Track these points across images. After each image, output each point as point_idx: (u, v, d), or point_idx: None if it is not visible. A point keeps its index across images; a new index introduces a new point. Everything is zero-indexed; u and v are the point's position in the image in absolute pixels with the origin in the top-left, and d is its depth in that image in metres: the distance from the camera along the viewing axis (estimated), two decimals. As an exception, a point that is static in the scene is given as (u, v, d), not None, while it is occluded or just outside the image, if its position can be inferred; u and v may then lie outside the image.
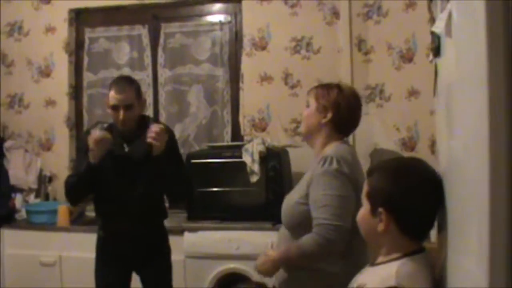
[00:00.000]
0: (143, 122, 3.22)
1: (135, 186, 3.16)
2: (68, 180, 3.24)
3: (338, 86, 2.51)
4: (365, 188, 1.77)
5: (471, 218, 1.20)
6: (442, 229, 1.68)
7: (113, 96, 3.12)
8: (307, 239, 2.27)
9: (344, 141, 2.52)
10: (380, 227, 1.67)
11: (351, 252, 2.26)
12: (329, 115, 2.44)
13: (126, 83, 3.19)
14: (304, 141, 2.60)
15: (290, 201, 2.45)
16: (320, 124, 2.46)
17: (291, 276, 2.39)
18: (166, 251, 3.40)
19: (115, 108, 3.12)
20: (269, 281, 2.53)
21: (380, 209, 1.67)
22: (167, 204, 3.54)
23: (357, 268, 1.94)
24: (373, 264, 1.80)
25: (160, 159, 3.05)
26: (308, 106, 2.52)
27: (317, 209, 2.27)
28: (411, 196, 1.66)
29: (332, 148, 2.41)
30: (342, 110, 2.45)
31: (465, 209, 1.29)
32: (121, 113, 3.11)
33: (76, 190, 3.20)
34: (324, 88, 2.51)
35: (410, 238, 1.69)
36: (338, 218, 2.22)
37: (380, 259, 1.76)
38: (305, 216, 2.32)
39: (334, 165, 2.30)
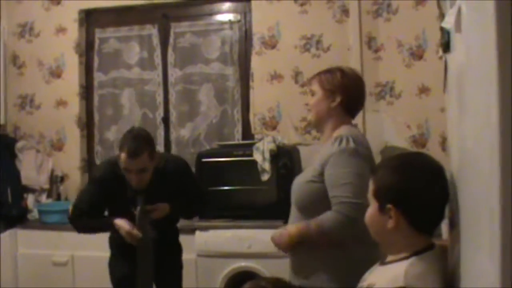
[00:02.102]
0: (158, 174, 3.12)
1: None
2: (78, 223, 3.20)
3: (340, 69, 2.50)
4: (371, 187, 1.77)
5: (483, 214, 1.19)
6: (454, 225, 1.67)
7: (124, 159, 2.92)
8: (328, 217, 2.24)
9: (355, 126, 2.52)
10: (390, 224, 1.67)
11: (365, 237, 2.10)
12: (338, 99, 2.43)
13: (139, 145, 2.93)
14: (314, 128, 2.61)
15: (301, 180, 2.42)
16: (330, 109, 2.44)
17: (306, 257, 2.36)
18: (176, 251, 3.42)
19: (127, 170, 2.96)
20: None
21: (389, 206, 1.66)
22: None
23: (370, 255, 1.94)
24: (382, 263, 1.79)
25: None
26: (313, 94, 2.50)
27: (337, 187, 2.24)
28: (418, 190, 1.66)
29: (345, 130, 2.40)
30: (350, 91, 2.45)
31: (477, 205, 1.28)
32: (134, 177, 2.97)
33: (87, 233, 3.26)
34: (327, 73, 2.49)
35: (421, 233, 1.68)
36: (360, 196, 2.15)
37: (390, 257, 1.75)
38: (317, 194, 2.31)
39: (351, 144, 2.29)
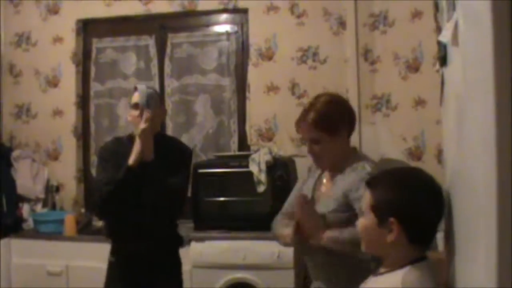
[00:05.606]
0: (162, 140, 3.12)
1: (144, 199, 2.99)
2: (103, 189, 2.96)
3: (329, 103, 2.45)
4: (369, 200, 1.76)
5: (479, 229, 1.19)
6: (450, 238, 1.67)
7: (136, 95, 3.05)
8: None
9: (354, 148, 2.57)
10: (390, 237, 1.67)
11: None
12: (345, 134, 2.47)
13: (148, 86, 3.17)
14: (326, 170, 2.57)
15: (322, 211, 2.39)
16: (342, 147, 2.46)
17: (325, 261, 2.39)
18: (177, 284, 3.23)
19: (135, 106, 3.02)
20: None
21: (392, 219, 1.66)
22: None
23: None
24: (376, 273, 1.80)
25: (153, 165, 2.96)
26: (316, 143, 2.42)
27: None
28: (419, 205, 1.68)
29: (357, 158, 2.48)
30: (352, 122, 2.51)
31: (473, 218, 1.29)
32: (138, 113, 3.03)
33: (114, 198, 2.95)
34: (321, 115, 2.40)
35: (417, 247, 1.70)
36: None
37: (383, 268, 1.76)
38: (343, 223, 2.31)
39: (368, 168, 2.36)
